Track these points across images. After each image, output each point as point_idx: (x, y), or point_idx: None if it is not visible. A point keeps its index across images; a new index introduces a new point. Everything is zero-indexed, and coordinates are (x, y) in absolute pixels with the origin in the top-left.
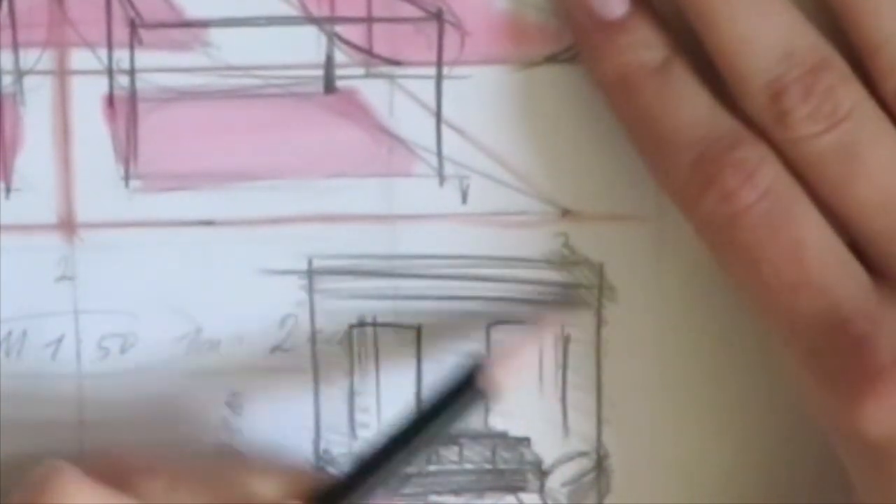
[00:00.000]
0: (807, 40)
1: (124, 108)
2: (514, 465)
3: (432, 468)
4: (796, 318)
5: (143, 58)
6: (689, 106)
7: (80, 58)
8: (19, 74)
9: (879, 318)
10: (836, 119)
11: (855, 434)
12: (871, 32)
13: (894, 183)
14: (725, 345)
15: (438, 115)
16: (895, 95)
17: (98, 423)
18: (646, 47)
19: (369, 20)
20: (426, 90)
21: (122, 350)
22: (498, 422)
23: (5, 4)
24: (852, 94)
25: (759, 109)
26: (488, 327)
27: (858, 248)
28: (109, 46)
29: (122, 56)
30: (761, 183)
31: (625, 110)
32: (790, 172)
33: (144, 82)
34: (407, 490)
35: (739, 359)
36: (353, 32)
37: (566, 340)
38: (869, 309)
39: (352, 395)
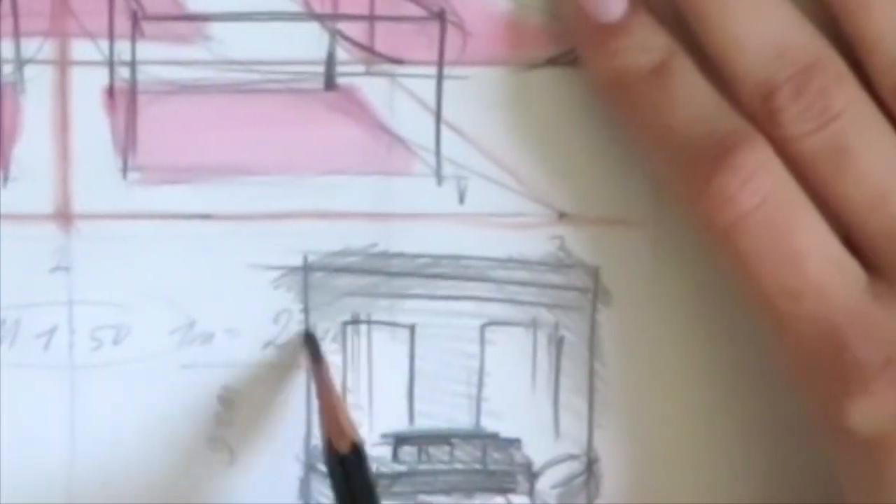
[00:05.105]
0: (801, 39)
1: (124, 100)
2: (504, 466)
3: (422, 468)
4: (793, 323)
5: (145, 50)
6: (686, 108)
7: (81, 48)
8: (20, 63)
9: (873, 317)
10: (828, 118)
11: (844, 434)
12: (866, 30)
13: (886, 183)
14: (720, 350)
15: (438, 115)
16: (892, 92)
17: (89, 414)
18: (642, 50)
19: (371, 18)
20: (427, 89)
21: (115, 342)
22: (489, 423)
23: None
24: (845, 93)
25: (753, 108)
26: (482, 328)
27: (852, 242)
28: (111, 38)
29: (123, 48)
30: (760, 188)
31: (622, 113)
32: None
33: (145, 74)
34: (396, 489)
35: (734, 364)
36: (355, 30)
37: (560, 343)
38: (863, 309)
39: (344, 392)
